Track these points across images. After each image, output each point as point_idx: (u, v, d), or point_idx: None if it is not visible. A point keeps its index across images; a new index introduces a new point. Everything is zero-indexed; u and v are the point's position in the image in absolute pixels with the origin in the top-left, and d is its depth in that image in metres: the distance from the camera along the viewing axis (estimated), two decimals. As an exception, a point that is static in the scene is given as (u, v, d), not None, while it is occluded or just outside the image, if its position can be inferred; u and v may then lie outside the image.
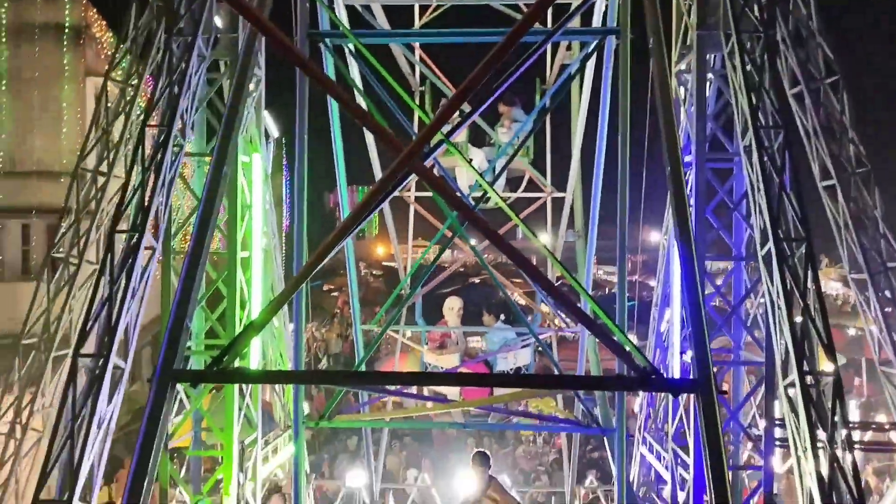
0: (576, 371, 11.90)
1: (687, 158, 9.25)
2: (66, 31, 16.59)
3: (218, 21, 9.67)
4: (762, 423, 9.33)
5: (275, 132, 12.72)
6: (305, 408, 11.33)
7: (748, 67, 7.92)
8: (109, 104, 10.54)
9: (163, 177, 8.47)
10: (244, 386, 9.46)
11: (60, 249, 11.25)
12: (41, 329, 11.43)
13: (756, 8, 8.05)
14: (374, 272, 53.71)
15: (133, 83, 10.31)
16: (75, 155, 16.06)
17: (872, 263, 9.15)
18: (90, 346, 7.68)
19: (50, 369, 11.21)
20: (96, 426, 7.36)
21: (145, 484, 4.23)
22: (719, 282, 13.40)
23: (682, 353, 9.99)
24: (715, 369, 4.68)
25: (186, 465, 10.73)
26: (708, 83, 9.35)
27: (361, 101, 9.46)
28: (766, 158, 7.62)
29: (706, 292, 8.74)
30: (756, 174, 7.75)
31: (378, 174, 12.12)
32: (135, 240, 8.03)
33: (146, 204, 8.24)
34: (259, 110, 10.62)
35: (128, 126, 10.52)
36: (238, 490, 9.43)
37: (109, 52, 17.83)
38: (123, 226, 8.21)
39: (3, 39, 16.32)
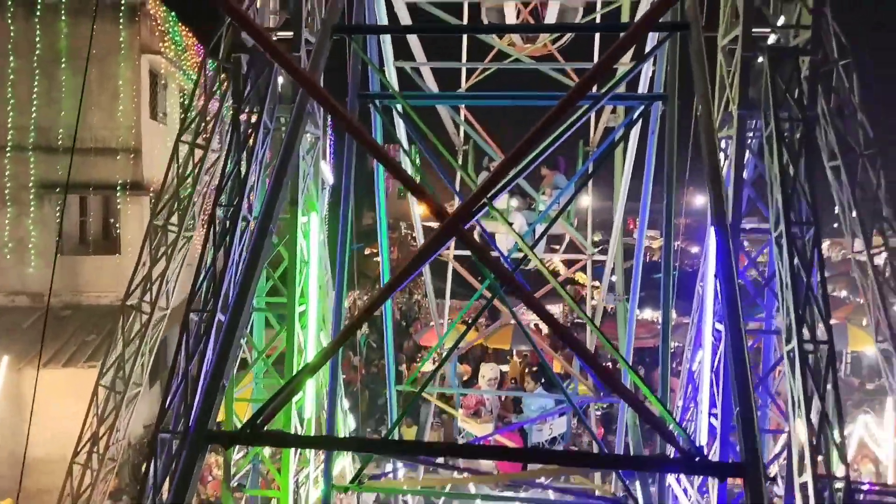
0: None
1: None
2: (122, 8, 16.63)
3: (281, 80, 9.96)
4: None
5: (330, 179, 12.96)
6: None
7: (785, 159, 7.73)
8: (179, 165, 10.99)
9: (232, 256, 8.70)
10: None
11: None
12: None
13: (797, 90, 7.78)
14: (413, 234, 50.95)
15: (202, 145, 10.75)
16: (130, 132, 16.78)
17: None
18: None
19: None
20: (206, 368, 8.17)
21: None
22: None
23: (711, 414, 9.73)
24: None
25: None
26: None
27: (407, 162, 9.61)
28: (795, 256, 7.51)
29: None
30: (786, 270, 7.61)
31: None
32: (206, 318, 8.51)
33: (218, 279, 8.64)
34: (317, 166, 10.71)
35: (196, 185, 10.98)
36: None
37: (163, 29, 17.85)
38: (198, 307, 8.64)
39: (63, 18, 16.42)
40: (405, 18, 10.92)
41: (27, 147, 16.66)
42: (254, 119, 9.11)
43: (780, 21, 8.00)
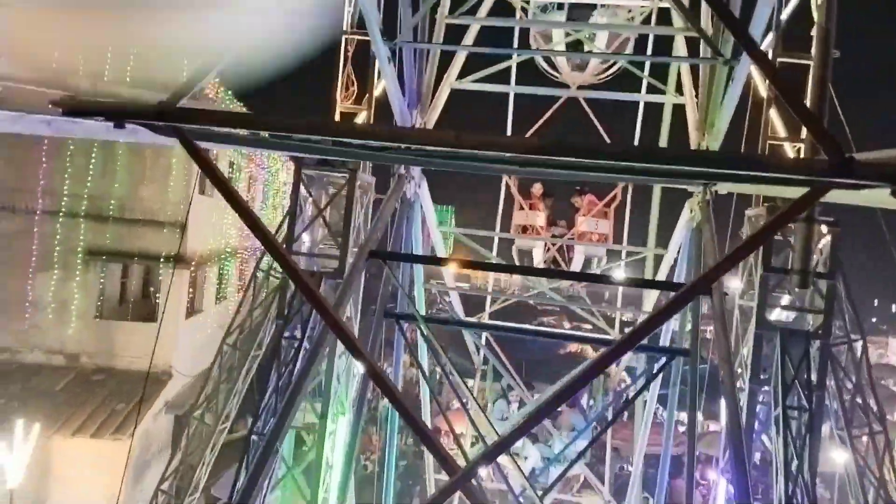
0: None
1: None
2: None
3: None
4: None
5: (361, 368, 13.12)
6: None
7: (790, 449, 7.65)
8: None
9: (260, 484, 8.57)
10: None
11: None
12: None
13: (806, 374, 7.79)
14: (443, 298, 45.44)
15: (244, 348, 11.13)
16: (179, 206, 17.13)
17: None
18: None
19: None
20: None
21: None
22: None
23: None
24: None
25: None
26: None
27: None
28: None
29: None
30: None
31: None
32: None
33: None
34: (349, 368, 10.86)
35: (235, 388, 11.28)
36: None
37: (222, 105, 18.40)
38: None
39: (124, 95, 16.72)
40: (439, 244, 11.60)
41: (79, 214, 17.13)
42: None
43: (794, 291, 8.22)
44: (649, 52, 12.72)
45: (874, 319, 63.91)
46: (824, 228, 7.67)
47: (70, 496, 12.92)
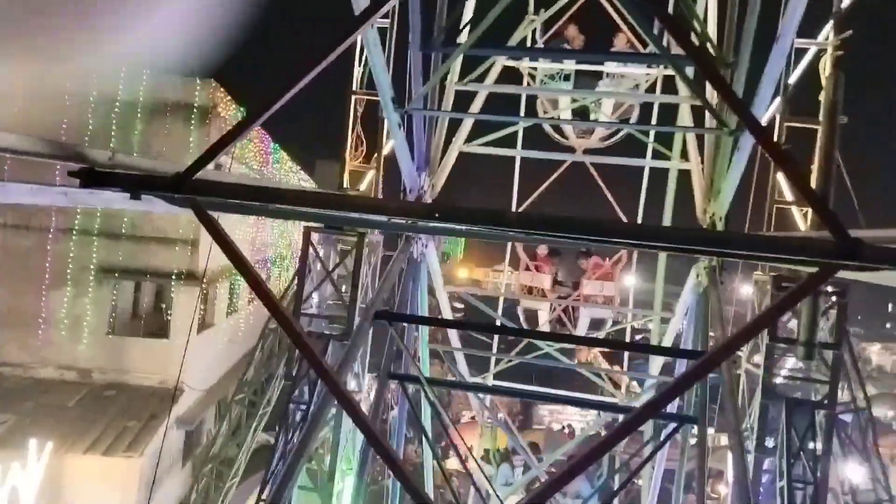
0: None
1: None
2: (195, 110, 17.13)
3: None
4: None
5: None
6: None
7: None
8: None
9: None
10: None
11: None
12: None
13: (811, 443, 7.63)
14: (453, 304, 43.75)
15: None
16: (190, 224, 16.84)
17: None
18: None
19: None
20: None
21: None
22: None
23: None
24: None
25: None
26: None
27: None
28: None
29: None
30: None
31: None
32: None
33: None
34: (356, 431, 10.63)
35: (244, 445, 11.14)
36: None
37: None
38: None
39: (138, 115, 16.86)
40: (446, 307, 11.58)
41: (92, 232, 17.15)
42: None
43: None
44: (655, 118, 12.91)
45: (888, 325, 64.08)
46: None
47: (84, 515, 12.95)
